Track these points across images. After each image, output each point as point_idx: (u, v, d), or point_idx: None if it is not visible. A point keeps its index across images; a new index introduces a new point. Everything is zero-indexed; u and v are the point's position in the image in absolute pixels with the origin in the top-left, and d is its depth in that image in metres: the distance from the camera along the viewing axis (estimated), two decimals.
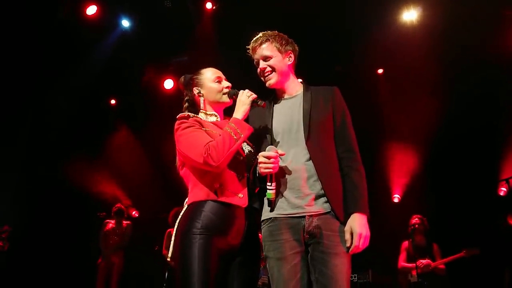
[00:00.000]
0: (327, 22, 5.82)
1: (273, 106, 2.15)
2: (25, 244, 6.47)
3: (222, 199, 1.98)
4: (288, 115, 2.07)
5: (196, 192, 2.04)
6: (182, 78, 2.36)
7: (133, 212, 7.71)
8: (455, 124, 6.03)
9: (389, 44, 5.95)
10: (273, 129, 2.06)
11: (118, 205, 6.53)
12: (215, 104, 2.26)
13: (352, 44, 5.97)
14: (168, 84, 7.12)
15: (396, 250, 5.26)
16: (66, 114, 6.70)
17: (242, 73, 2.89)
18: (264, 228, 2.01)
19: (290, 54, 2.14)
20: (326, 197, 1.91)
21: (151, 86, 7.33)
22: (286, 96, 2.15)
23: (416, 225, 5.07)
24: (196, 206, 1.99)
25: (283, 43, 2.12)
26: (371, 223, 1.93)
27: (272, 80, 2.11)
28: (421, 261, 4.86)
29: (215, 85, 2.25)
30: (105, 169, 7.27)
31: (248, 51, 2.19)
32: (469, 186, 5.80)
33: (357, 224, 1.86)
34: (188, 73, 2.34)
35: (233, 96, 2.21)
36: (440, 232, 5.30)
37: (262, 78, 2.17)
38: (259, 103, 2.09)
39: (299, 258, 1.90)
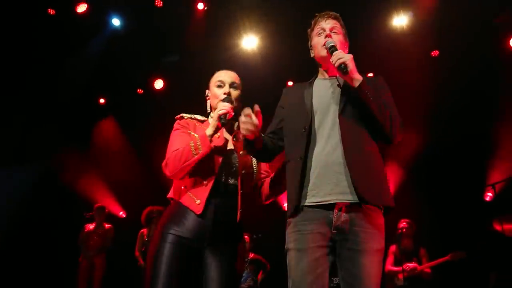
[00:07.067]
0: None
1: (314, 84, 2.06)
2: (11, 241, 6.39)
3: (182, 201, 2.05)
4: (328, 92, 1.98)
5: (172, 189, 2.16)
6: None
7: (120, 213, 7.64)
8: (443, 130, 6.08)
9: (379, 50, 5.93)
10: (313, 107, 1.94)
11: (99, 204, 6.47)
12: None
13: None
14: (158, 84, 7.05)
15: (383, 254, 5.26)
16: (54, 113, 6.63)
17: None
18: (289, 219, 1.83)
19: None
20: (354, 186, 1.74)
21: (141, 85, 7.29)
22: (327, 76, 2.08)
23: (404, 229, 5.06)
24: (170, 204, 2.12)
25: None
26: None
27: (335, 40, 1.99)
28: (408, 264, 4.88)
29: (216, 90, 2.18)
30: (94, 169, 7.22)
31: (316, 16, 2.17)
32: (455, 191, 5.85)
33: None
34: (178, 74, 2.31)
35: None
36: (427, 237, 5.32)
37: (320, 41, 2.04)
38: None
39: (322, 253, 1.73)
